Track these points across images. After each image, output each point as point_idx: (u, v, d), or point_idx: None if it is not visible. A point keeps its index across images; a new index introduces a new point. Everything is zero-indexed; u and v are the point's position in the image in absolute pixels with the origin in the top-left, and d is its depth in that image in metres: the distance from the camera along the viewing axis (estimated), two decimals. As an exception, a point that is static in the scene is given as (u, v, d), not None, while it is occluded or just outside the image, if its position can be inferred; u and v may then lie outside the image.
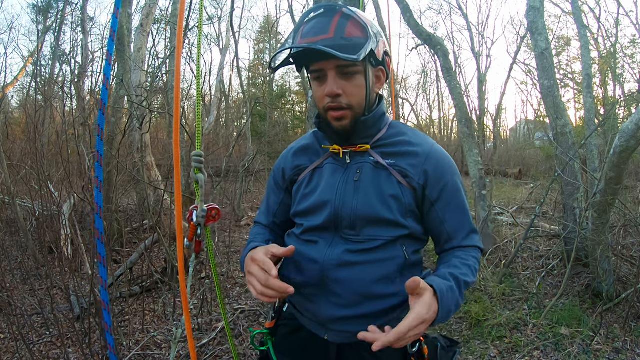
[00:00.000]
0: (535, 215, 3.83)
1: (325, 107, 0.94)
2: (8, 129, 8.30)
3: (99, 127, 1.15)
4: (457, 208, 0.98)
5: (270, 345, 1.07)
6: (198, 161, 1.06)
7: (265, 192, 1.20)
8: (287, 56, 0.96)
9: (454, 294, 0.84)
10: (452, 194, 0.97)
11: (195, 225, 1.06)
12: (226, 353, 2.56)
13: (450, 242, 0.99)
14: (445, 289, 0.83)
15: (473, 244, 0.99)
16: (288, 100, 22.92)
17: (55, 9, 14.39)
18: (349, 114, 0.94)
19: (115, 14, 1.12)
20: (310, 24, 0.90)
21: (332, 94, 0.91)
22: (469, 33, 19.74)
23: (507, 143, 23.32)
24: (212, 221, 1.09)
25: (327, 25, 0.87)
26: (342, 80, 0.91)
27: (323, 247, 0.97)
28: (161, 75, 8.84)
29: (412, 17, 5.18)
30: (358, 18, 0.89)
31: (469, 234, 0.99)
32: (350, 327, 0.93)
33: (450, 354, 1.01)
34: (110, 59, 1.19)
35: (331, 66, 0.90)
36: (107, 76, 1.20)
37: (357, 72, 0.91)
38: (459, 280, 0.88)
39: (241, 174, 6.76)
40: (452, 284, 0.86)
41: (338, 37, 0.86)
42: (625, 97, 11.94)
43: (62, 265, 3.78)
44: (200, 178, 1.06)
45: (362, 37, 0.87)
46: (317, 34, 0.87)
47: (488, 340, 2.71)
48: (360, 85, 0.93)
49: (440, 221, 0.98)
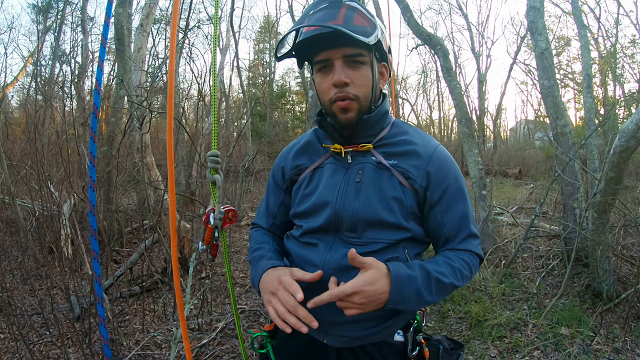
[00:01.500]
0: (535, 215, 3.83)
1: (331, 98, 0.91)
2: (8, 129, 8.30)
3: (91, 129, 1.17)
4: (457, 212, 0.95)
5: (270, 348, 1.05)
6: (215, 161, 1.03)
7: (265, 192, 1.17)
8: (291, 47, 0.93)
9: (415, 284, 0.83)
10: (453, 197, 0.95)
11: (212, 228, 1.03)
12: (226, 353, 2.56)
13: (445, 245, 0.97)
14: (404, 274, 0.83)
15: (468, 248, 0.95)
16: (288, 100, 22.93)
17: (55, 9, 14.38)
18: (355, 105, 0.91)
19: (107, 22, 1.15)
20: (316, 15, 0.87)
21: (340, 82, 0.88)
22: (469, 33, 19.77)
23: (507, 143, 23.31)
24: (228, 223, 1.06)
25: (336, 14, 0.86)
26: (350, 70, 0.89)
27: (323, 250, 0.95)
28: (161, 75, 8.85)
29: (412, 17, 5.18)
30: (364, 10, 0.88)
31: (466, 238, 0.96)
32: (350, 332, 0.93)
33: (453, 356, 0.99)
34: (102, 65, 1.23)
35: (338, 55, 0.88)
36: (99, 82, 1.22)
37: (364, 62, 0.90)
38: (429, 275, 0.86)
39: (241, 174, 6.76)
40: (414, 274, 0.84)
41: (346, 24, 0.84)
42: (625, 97, 11.95)
43: (62, 265, 3.78)
44: (217, 179, 1.02)
45: (369, 27, 0.86)
46: (325, 20, 0.85)
47: (488, 340, 2.71)
48: (367, 76, 0.91)
49: (438, 224, 0.96)
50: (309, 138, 1.07)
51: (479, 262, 0.98)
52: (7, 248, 4.11)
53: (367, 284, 0.80)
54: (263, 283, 0.92)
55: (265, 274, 0.93)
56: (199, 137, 6.55)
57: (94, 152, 1.19)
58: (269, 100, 19.27)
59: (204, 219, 1.06)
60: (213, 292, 3.46)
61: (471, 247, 0.95)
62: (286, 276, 0.87)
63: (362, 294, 0.80)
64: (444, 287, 0.88)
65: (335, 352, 0.96)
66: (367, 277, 0.81)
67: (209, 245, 1.05)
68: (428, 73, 23.56)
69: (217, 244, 1.06)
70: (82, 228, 4.15)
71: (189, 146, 5.17)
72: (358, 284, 0.80)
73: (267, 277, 0.91)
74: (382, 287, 0.81)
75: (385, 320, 0.94)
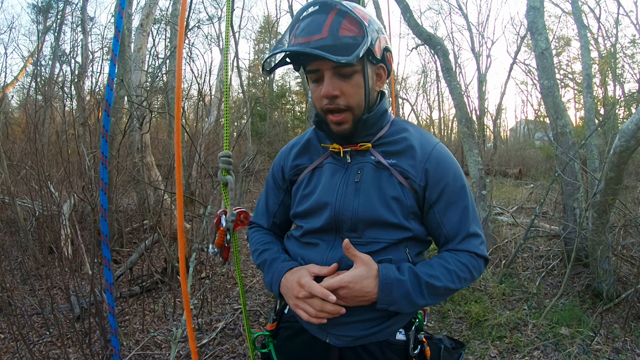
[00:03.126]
0: (535, 215, 3.83)
1: (323, 108, 0.90)
2: (8, 129, 8.30)
3: (103, 128, 1.12)
4: (456, 211, 0.94)
5: (272, 347, 1.05)
6: (227, 162, 1.00)
7: (264, 190, 1.16)
8: (282, 57, 0.93)
9: (404, 287, 0.85)
10: (452, 196, 0.93)
11: (224, 230, 1.01)
12: (226, 353, 2.56)
13: (446, 245, 0.96)
14: (392, 277, 0.86)
15: (467, 248, 0.93)
16: (288, 100, 22.93)
17: (55, 9, 14.38)
18: (349, 117, 0.90)
19: (120, 14, 1.11)
20: (304, 21, 0.86)
21: (329, 95, 0.87)
22: (469, 33, 19.73)
23: (507, 143, 23.30)
24: (241, 225, 1.03)
25: (322, 24, 0.83)
26: (339, 81, 0.87)
27: (324, 250, 0.95)
28: (161, 75, 8.84)
29: (412, 17, 5.18)
30: (354, 15, 0.84)
31: (466, 238, 0.94)
32: (352, 331, 0.92)
33: (454, 355, 0.99)
34: (115, 59, 1.17)
35: (327, 66, 0.86)
36: (112, 77, 1.17)
37: (354, 72, 0.87)
38: (419, 279, 0.87)
39: (241, 174, 6.75)
40: (404, 278, 0.86)
41: (332, 36, 0.82)
42: (625, 97, 11.95)
43: (62, 265, 3.77)
44: (229, 180, 1.00)
45: (359, 35, 0.84)
46: (310, 34, 0.83)
47: (488, 340, 2.71)
48: (359, 85, 0.89)
49: (438, 224, 0.95)
50: (310, 136, 1.06)
51: (484, 263, 0.96)
52: (7, 248, 4.10)
53: (354, 281, 0.85)
54: (284, 288, 0.93)
55: (284, 278, 0.94)
56: (198, 137, 6.55)
57: (106, 152, 1.14)
58: (269, 100, 19.27)
59: (215, 221, 1.03)
60: (213, 292, 3.46)
61: (471, 248, 0.94)
62: (306, 277, 0.89)
63: (347, 289, 0.85)
64: (436, 291, 0.88)
65: (338, 351, 0.96)
66: (355, 273, 0.85)
67: (220, 248, 1.03)
68: (428, 73, 23.58)
69: (229, 247, 1.03)
70: (82, 228, 4.15)
71: (188, 146, 5.17)
72: (345, 279, 0.85)
73: (287, 282, 0.92)
74: (368, 286, 0.85)
75: (387, 319, 0.93)
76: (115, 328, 1.27)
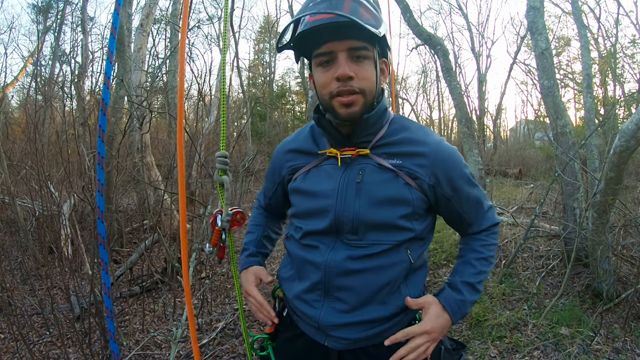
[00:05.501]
0: (535, 215, 3.83)
1: (332, 92, 0.86)
2: (8, 129, 8.30)
3: (100, 128, 1.12)
4: (471, 197, 0.99)
5: (271, 350, 1.05)
6: (223, 162, 1.01)
7: (265, 173, 1.19)
8: (293, 37, 0.87)
9: (466, 301, 0.94)
10: (465, 186, 0.97)
11: (219, 230, 1.02)
12: (226, 353, 2.56)
13: (471, 227, 1.03)
14: (454, 303, 0.93)
15: (490, 223, 1.04)
16: (288, 100, 22.94)
17: (55, 9, 14.38)
18: (360, 100, 0.87)
19: (117, 10, 1.10)
20: (319, 5, 0.83)
21: (345, 75, 0.84)
22: (469, 33, 19.76)
23: (507, 143, 23.28)
24: (236, 225, 1.05)
25: (341, 4, 0.81)
26: (353, 64, 0.85)
27: (324, 252, 0.93)
28: (161, 75, 8.84)
29: (412, 17, 5.17)
30: (368, 3, 0.86)
31: (486, 214, 1.03)
32: (351, 334, 0.92)
33: (455, 356, 0.99)
34: (111, 58, 1.16)
35: (343, 47, 0.84)
36: (109, 75, 1.16)
37: (367, 56, 0.87)
38: (473, 286, 0.96)
39: (241, 174, 6.75)
40: (463, 298, 0.93)
41: (354, 14, 0.80)
42: (625, 97, 11.94)
43: (62, 265, 3.77)
44: (225, 180, 1.01)
45: (375, 21, 0.84)
46: (332, 9, 0.80)
47: (488, 340, 2.71)
48: (371, 71, 0.88)
49: (459, 214, 1.00)
50: (306, 136, 1.05)
51: (498, 228, 1.08)
52: (7, 248, 4.11)
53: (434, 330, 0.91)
54: (243, 280, 1.10)
55: (243, 272, 1.11)
56: (198, 137, 6.55)
57: (103, 153, 1.14)
58: (269, 100, 19.27)
59: (211, 220, 1.04)
60: (213, 292, 3.46)
61: (491, 221, 1.04)
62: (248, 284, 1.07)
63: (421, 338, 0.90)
64: (483, 279, 0.99)
65: (337, 354, 0.95)
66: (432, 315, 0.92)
67: (216, 247, 1.04)
68: (428, 73, 23.57)
69: (224, 247, 1.05)
70: (82, 228, 4.15)
71: (188, 146, 5.17)
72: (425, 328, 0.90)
73: (244, 277, 1.10)
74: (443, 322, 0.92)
75: (386, 322, 0.93)
76: (113, 332, 1.25)
